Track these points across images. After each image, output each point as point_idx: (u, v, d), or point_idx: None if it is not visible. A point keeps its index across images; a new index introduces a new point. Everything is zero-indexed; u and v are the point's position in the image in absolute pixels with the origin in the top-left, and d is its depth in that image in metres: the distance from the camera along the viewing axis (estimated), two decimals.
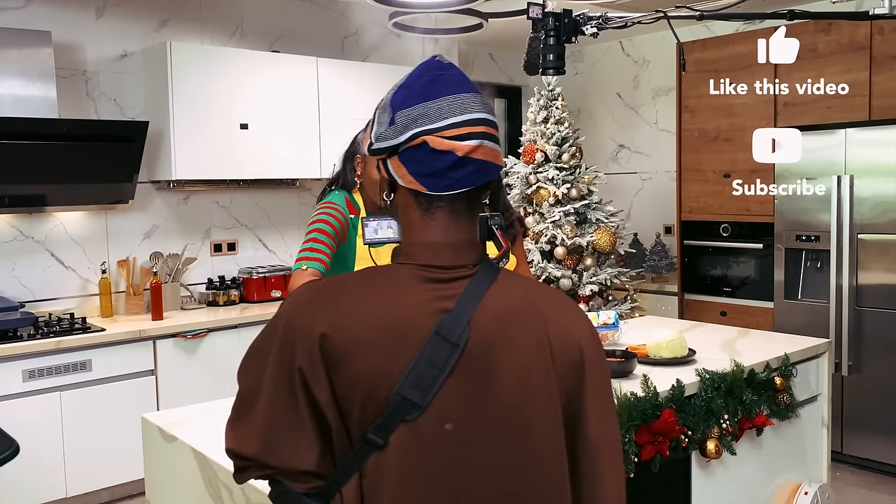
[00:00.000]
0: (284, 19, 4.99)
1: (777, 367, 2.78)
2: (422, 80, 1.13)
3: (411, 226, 1.14)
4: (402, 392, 1.03)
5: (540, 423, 1.09)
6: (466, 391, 1.06)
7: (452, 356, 1.05)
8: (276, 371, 1.09)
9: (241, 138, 4.44)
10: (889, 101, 4.12)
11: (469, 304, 1.08)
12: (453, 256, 1.12)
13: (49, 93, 3.86)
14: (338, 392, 1.06)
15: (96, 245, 4.33)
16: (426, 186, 1.11)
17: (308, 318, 1.08)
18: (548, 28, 2.42)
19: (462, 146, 1.09)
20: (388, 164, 1.14)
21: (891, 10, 2.08)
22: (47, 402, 3.65)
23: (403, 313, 1.07)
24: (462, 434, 1.06)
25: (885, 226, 4.08)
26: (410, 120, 1.10)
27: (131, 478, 3.85)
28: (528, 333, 1.10)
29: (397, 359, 1.05)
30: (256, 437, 1.09)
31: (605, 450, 1.15)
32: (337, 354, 1.05)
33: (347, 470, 1.07)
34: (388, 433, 1.04)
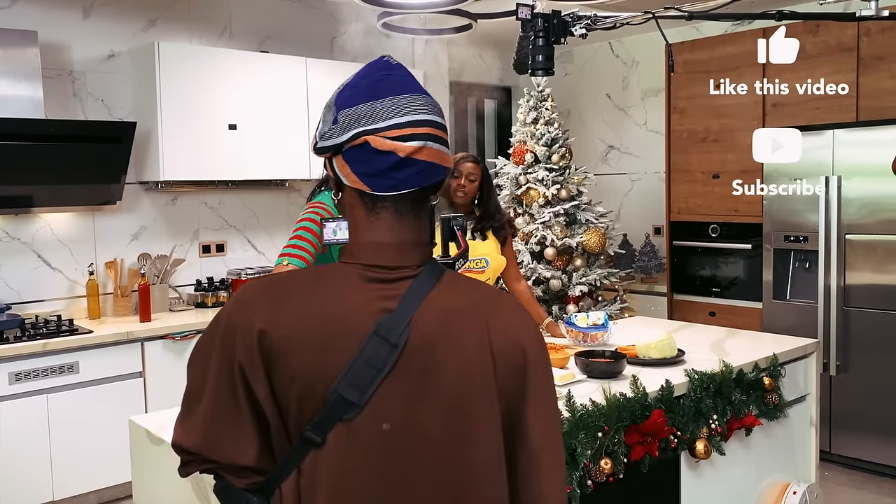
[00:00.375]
0: (273, 19, 4.97)
1: (765, 368, 2.79)
2: (367, 79, 1.14)
3: (357, 225, 1.15)
4: (339, 391, 1.04)
5: (478, 424, 1.09)
6: (405, 392, 1.06)
7: (391, 356, 1.05)
8: (217, 367, 1.10)
9: (230, 139, 4.42)
10: (876, 102, 4.14)
11: (411, 305, 1.08)
12: (397, 257, 1.12)
13: (35, 93, 3.83)
14: (276, 389, 1.07)
15: (84, 246, 4.30)
16: (370, 186, 1.11)
17: (248, 315, 1.08)
18: (536, 29, 2.42)
19: (404, 147, 1.09)
20: (334, 164, 1.14)
21: (877, 12, 2.09)
22: (34, 405, 3.62)
23: (343, 312, 1.08)
24: (400, 434, 1.06)
25: (873, 226, 4.10)
26: (353, 119, 1.10)
27: (119, 480, 3.82)
28: (469, 335, 1.10)
29: (335, 357, 1.05)
30: (199, 432, 1.10)
31: (547, 454, 1.14)
32: (275, 351, 1.06)
33: (286, 466, 1.08)
34: (325, 431, 1.05)
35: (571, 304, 4.95)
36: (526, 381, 1.12)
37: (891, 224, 4.03)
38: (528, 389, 1.12)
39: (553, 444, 1.15)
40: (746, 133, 4.69)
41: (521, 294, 3.41)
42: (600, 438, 2.17)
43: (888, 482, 4.05)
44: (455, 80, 6.08)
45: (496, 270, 3.23)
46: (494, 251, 3.20)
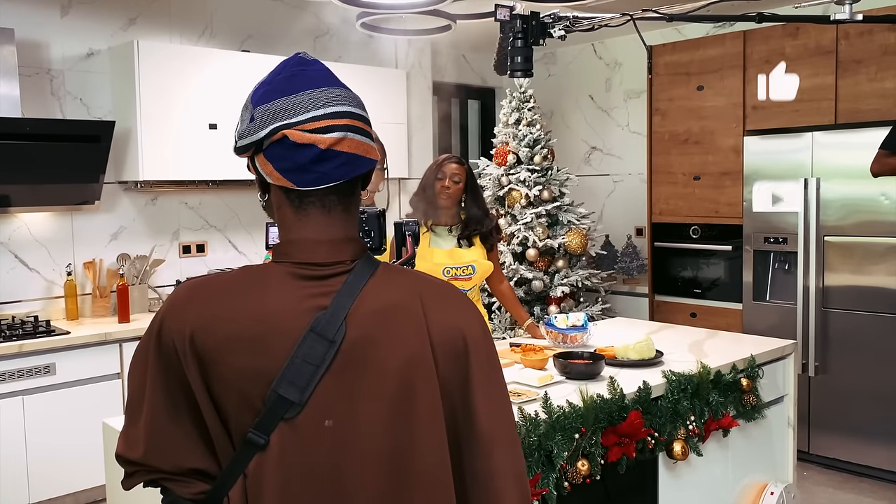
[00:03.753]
0: (255, 19, 4.95)
1: (744, 369, 2.80)
2: (282, 76, 1.13)
3: (286, 224, 1.13)
4: (278, 390, 1.03)
5: (421, 414, 1.08)
6: (346, 387, 1.06)
7: (329, 353, 1.05)
8: (154, 374, 1.09)
9: (210, 138, 4.39)
10: (854, 105, 4.18)
11: (346, 301, 1.07)
12: (329, 253, 1.11)
13: (12, 91, 3.79)
14: (213, 392, 1.06)
15: (61, 246, 4.26)
16: (293, 182, 1.09)
17: (181, 318, 1.07)
18: (515, 30, 2.42)
19: (324, 139, 1.07)
20: (256, 163, 1.13)
21: (851, 16, 2.11)
22: (10, 407, 3.58)
23: (277, 311, 1.06)
24: (343, 429, 1.05)
25: (851, 228, 4.13)
26: (269, 115, 1.09)
27: (96, 483, 3.79)
28: (407, 326, 1.09)
29: (271, 357, 1.04)
30: (142, 441, 1.09)
31: (500, 442, 1.12)
32: (208, 354, 1.05)
33: (232, 473, 1.06)
34: (268, 432, 1.04)
35: (553, 305, 4.96)
36: (469, 368, 1.11)
37: (869, 226, 4.07)
38: (472, 376, 1.11)
39: (503, 429, 1.13)
40: (727, 135, 4.74)
41: (504, 295, 3.41)
42: (577, 440, 2.17)
43: (866, 482, 4.08)
44: (438, 81, 6.08)
45: (483, 276, 3.22)
46: (481, 257, 3.18)
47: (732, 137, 4.69)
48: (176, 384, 1.07)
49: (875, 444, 4.07)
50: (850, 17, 2.08)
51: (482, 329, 1.16)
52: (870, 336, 4.08)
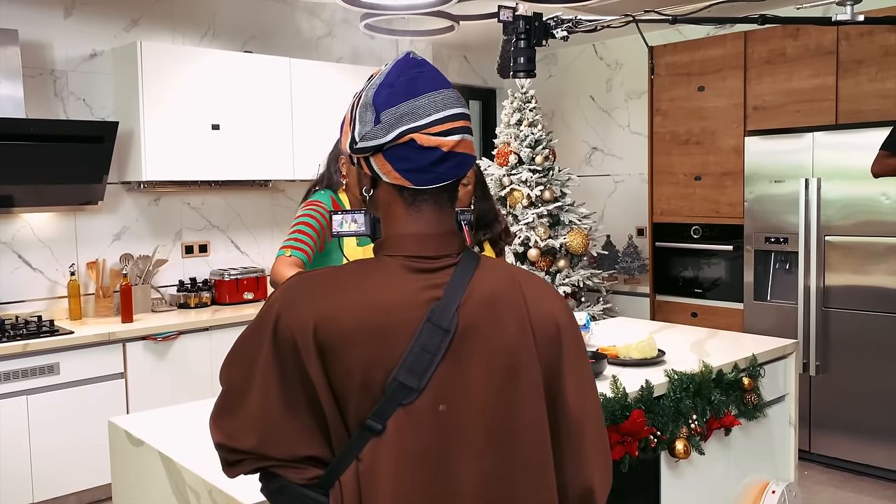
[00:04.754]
0: (257, 20, 4.96)
1: (745, 368, 2.81)
2: (402, 78, 1.16)
3: (395, 219, 1.18)
4: (399, 378, 1.08)
5: (525, 395, 1.14)
6: (457, 373, 1.11)
7: (444, 341, 1.10)
8: (269, 363, 1.11)
9: (213, 139, 4.41)
10: (855, 106, 4.19)
11: (456, 292, 1.13)
12: (438, 246, 1.16)
13: (16, 92, 3.80)
14: (333, 382, 1.09)
15: (65, 247, 4.27)
16: (411, 181, 1.14)
17: (301, 311, 1.10)
18: (518, 31, 2.43)
19: (447, 141, 1.13)
20: (372, 162, 1.16)
21: (852, 17, 2.12)
22: (14, 406, 3.59)
23: (395, 303, 1.11)
24: (454, 413, 1.10)
25: (852, 228, 4.15)
26: (396, 118, 1.12)
27: (100, 482, 3.81)
28: (510, 314, 1.15)
29: (391, 347, 1.09)
30: (253, 430, 1.11)
31: (588, 423, 1.20)
32: (331, 345, 1.08)
33: (346, 458, 1.09)
34: (385, 418, 1.08)
35: None
36: (561, 352, 1.19)
37: (869, 226, 4.08)
38: (564, 359, 1.19)
39: (592, 412, 1.22)
40: (727, 135, 4.75)
41: None
42: None
43: (867, 481, 4.10)
44: None
45: None
46: None
47: (733, 138, 4.71)
48: (292, 375, 1.10)
49: (876, 443, 4.09)
50: (851, 18, 2.10)
51: (571, 316, 1.23)
52: (870, 336, 4.09)
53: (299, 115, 4.74)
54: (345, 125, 1.21)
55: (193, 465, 1.79)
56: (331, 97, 4.85)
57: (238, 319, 4.31)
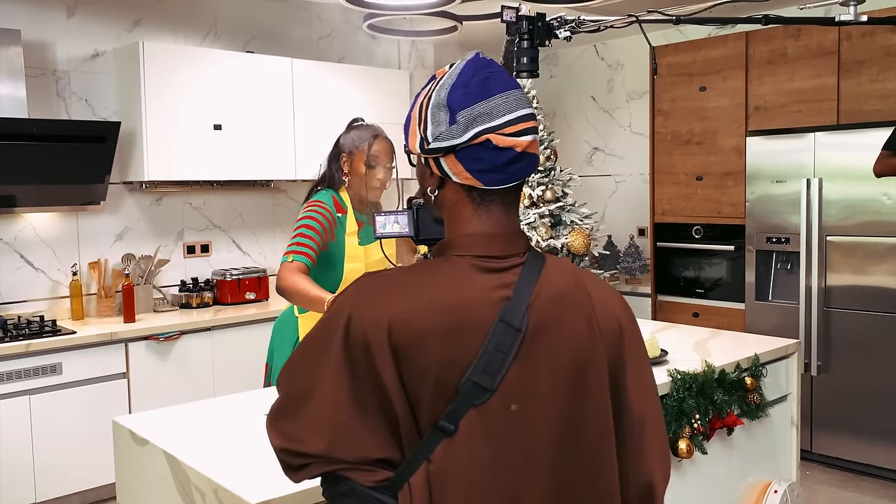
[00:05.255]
0: (259, 20, 4.97)
1: (747, 368, 2.82)
2: (476, 78, 1.15)
3: (462, 219, 1.18)
4: (472, 378, 1.07)
5: (593, 394, 1.15)
6: (527, 372, 1.11)
7: (516, 341, 1.09)
8: (339, 365, 1.09)
9: (215, 139, 4.41)
10: (856, 106, 4.19)
11: (525, 291, 1.13)
12: (506, 246, 1.16)
13: (18, 92, 3.81)
14: (406, 383, 1.08)
15: (67, 247, 4.27)
16: (483, 182, 1.14)
17: (374, 312, 1.09)
18: (521, 31, 2.44)
19: (521, 142, 1.14)
20: (442, 162, 1.16)
21: (856, 17, 2.12)
22: (16, 406, 3.59)
23: (467, 303, 1.10)
24: (525, 413, 1.10)
25: (853, 228, 4.15)
26: (471, 119, 1.12)
27: (102, 482, 3.81)
28: (578, 312, 1.16)
29: (466, 347, 1.08)
30: (323, 433, 1.09)
31: (649, 421, 1.22)
32: (406, 346, 1.07)
33: (416, 459, 1.08)
34: (458, 419, 1.07)
35: None
36: (623, 350, 1.20)
37: (871, 226, 4.08)
38: (626, 357, 1.20)
39: (653, 408, 1.23)
40: (729, 136, 4.76)
41: None
42: None
43: (868, 481, 4.10)
44: None
45: None
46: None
47: (735, 138, 4.71)
48: (363, 377, 1.08)
49: (877, 443, 4.09)
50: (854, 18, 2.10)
51: (631, 313, 1.25)
52: (872, 336, 4.10)
53: (301, 115, 4.74)
54: (411, 126, 1.20)
55: (198, 463, 1.79)
56: (332, 97, 4.85)
57: (240, 319, 4.31)
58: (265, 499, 1.58)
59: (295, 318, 2.67)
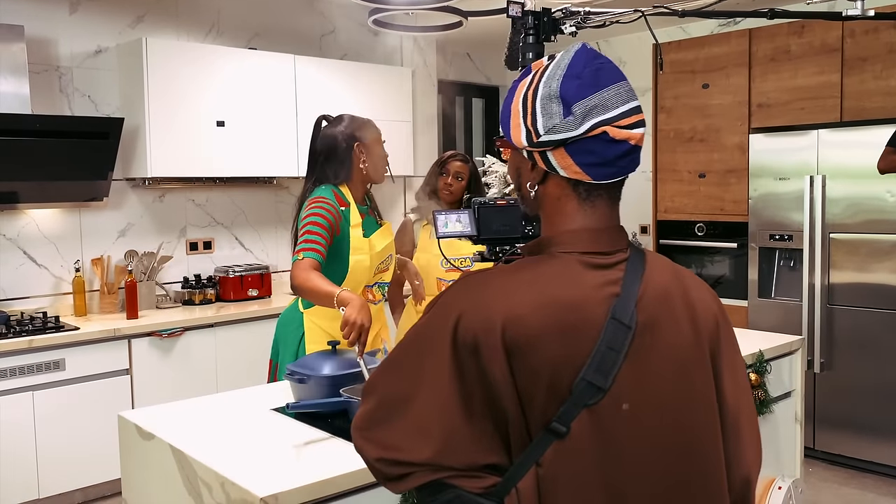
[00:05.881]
0: (261, 16, 4.96)
1: (752, 364, 2.81)
2: (588, 69, 1.10)
3: (565, 215, 1.14)
4: (587, 377, 1.04)
5: (699, 392, 1.13)
6: (637, 370, 1.07)
7: (627, 338, 1.07)
8: (446, 366, 1.05)
9: (218, 136, 4.41)
10: (859, 103, 4.19)
11: (633, 287, 1.10)
12: (611, 241, 1.14)
13: (21, 88, 3.80)
14: (518, 384, 1.04)
15: (70, 243, 4.27)
16: (592, 176, 1.11)
17: (485, 310, 1.05)
18: (527, 27, 2.43)
19: (635, 134, 1.10)
20: (550, 156, 1.11)
21: (863, 12, 2.12)
22: (19, 402, 3.59)
23: (579, 300, 1.07)
24: (636, 413, 1.07)
25: (857, 225, 4.15)
26: (587, 110, 1.08)
27: (105, 478, 3.81)
28: (681, 309, 1.14)
29: (579, 345, 1.05)
30: (428, 439, 1.05)
31: (744, 416, 1.19)
32: (519, 345, 1.03)
33: (525, 463, 1.05)
34: (570, 420, 1.03)
35: None
36: (720, 346, 1.18)
37: (874, 223, 4.08)
38: (722, 354, 1.18)
39: (746, 403, 1.20)
40: (732, 133, 4.75)
41: None
42: None
43: (871, 478, 4.10)
44: (443, 79, 6.09)
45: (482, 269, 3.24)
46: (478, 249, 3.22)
47: (738, 135, 4.71)
48: (472, 378, 1.04)
49: (880, 440, 4.09)
50: (861, 13, 2.10)
51: (723, 308, 1.23)
52: (875, 333, 4.09)
53: (304, 111, 4.74)
54: (513, 119, 1.14)
55: (205, 457, 1.79)
56: (335, 94, 4.85)
57: (242, 316, 4.31)
58: (272, 492, 1.58)
59: (300, 313, 2.67)
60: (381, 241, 2.68)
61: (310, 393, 2.10)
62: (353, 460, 1.75)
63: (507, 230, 1.51)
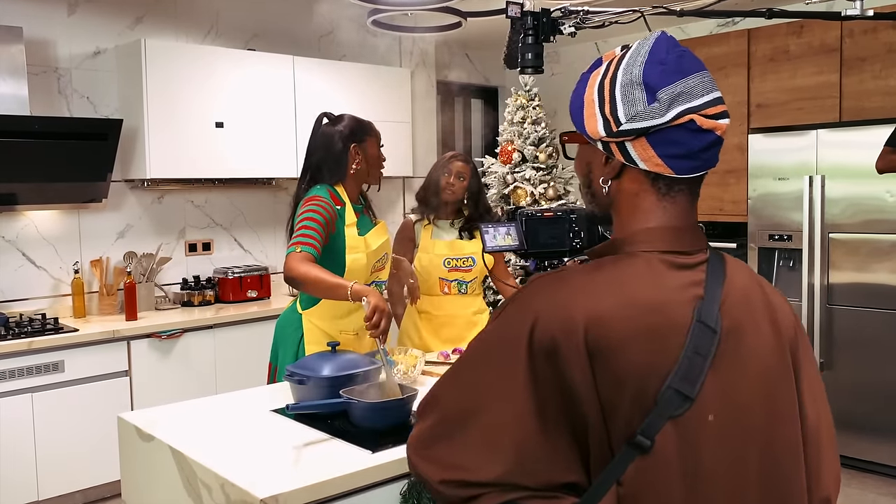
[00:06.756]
0: (260, 17, 4.96)
1: None
2: (671, 55, 1.04)
3: (643, 212, 1.06)
4: (673, 386, 0.95)
5: (784, 401, 1.06)
6: (722, 378, 1.00)
7: (713, 343, 0.99)
8: (520, 374, 0.97)
9: (217, 137, 4.40)
10: (858, 103, 4.19)
11: (716, 289, 1.03)
12: (692, 241, 1.07)
13: (20, 90, 3.80)
14: (601, 392, 0.95)
15: (69, 244, 4.27)
16: (674, 169, 1.03)
17: (566, 311, 0.97)
18: (526, 27, 2.43)
19: (721, 125, 1.03)
20: (629, 147, 1.04)
21: (862, 12, 2.12)
22: (19, 404, 3.59)
23: (664, 302, 1.00)
24: (723, 424, 0.99)
25: (856, 225, 4.15)
26: (672, 97, 1.00)
27: (105, 480, 3.81)
28: (761, 313, 1.07)
29: (666, 350, 0.97)
30: (500, 456, 0.96)
31: (824, 430, 1.13)
32: (603, 349, 0.95)
33: (606, 481, 0.96)
34: (654, 433, 0.95)
35: None
36: (798, 357, 1.11)
37: (873, 223, 4.08)
38: (801, 365, 1.11)
39: (826, 417, 1.14)
40: (731, 133, 4.75)
41: (509, 292, 3.42)
42: None
43: (871, 478, 4.10)
44: (442, 80, 6.09)
45: (483, 270, 3.25)
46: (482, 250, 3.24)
47: (737, 135, 4.71)
48: (548, 387, 0.96)
49: (880, 440, 4.09)
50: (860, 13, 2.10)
51: (798, 317, 1.16)
52: (874, 333, 4.10)
53: (302, 112, 4.73)
54: (587, 109, 1.07)
55: (205, 459, 1.79)
56: (334, 95, 4.84)
57: (241, 317, 4.31)
58: (272, 493, 1.58)
59: (298, 315, 2.66)
60: (376, 240, 2.68)
61: (309, 394, 2.10)
62: (352, 461, 1.75)
63: (555, 243, 1.44)
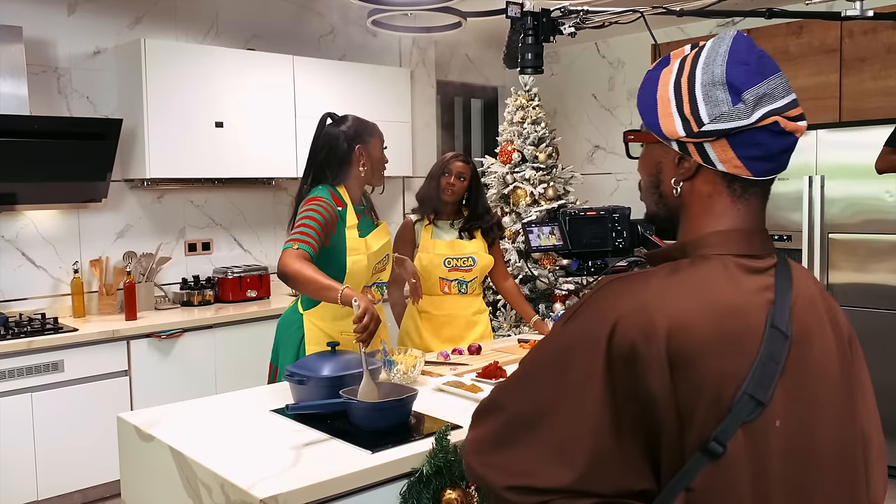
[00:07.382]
0: (260, 17, 4.96)
1: None
2: (753, 55, 1.03)
3: (715, 214, 1.05)
4: (748, 391, 0.95)
5: (846, 411, 1.05)
6: (794, 384, 0.99)
7: (785, 348, 0.98)
8: (596, 378, 0.96)
9: (216, 137, 4.40)
10: (858, 104, 4.19)
11: (786, 294, 1.02)
12: (763, 244, 1.06)
13: (20, 90, 3.80)
14: (680, 400, 0.94)
15: (68, 244, 4.27)
16: (752, 170, 1.02)
17: (648, 318, 0.95)
18: (526, 27, 2.44)
19: (801, 126, 1.02)
20: (708, 148, 1.02)
21: (862, 12, 2.12)
22: (18, 404, 3.58)
23: (743, 307, 0.99)
24: (794, 430, 0.99)
25: (855, 226, 4.15)
26: (757, 98, 1.00)
27: (104, 480, 3.81)
28: (828, 318, 1.07)
29: (741, 356, 0.96)
30: (571, 461, 0.95)
31: (875, 441, 1.12)
32: (685, 355, 0.94)
33: (676, 488, 0.94)
34: (726, 439, 0.94)
35: (558, 302, 4.97)
36: (853, 364, 1.11)
37: (873, 223, 4.08)
38: (856, 373, 1.11)
39: (877, 427, 1.13)
40: None
41: (509, 292, 3.43)
42: None
43: None
44: (442, 80, 6.09)
45: (484, 269, 3.27)
46: (482, 250, 3.25)
47: None
48: (623, 392, 0.95)
49: None
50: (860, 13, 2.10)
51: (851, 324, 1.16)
52: (874, 333, 4.09)
53: (302, 112, 4.73)
54: (661, 108, 1.05)
55: (205, 459, 1.79)
56: (334, 95, 4.84)
57: (241, 317, 4.31)
58: (272, 493, 1.58)
59: (299, 315, 2.66)
60: (377, 241, 2.68)
61: (309, 394, 2.10)
62: (352, 461, 1.75)
63: (598, 243, 1.44)
